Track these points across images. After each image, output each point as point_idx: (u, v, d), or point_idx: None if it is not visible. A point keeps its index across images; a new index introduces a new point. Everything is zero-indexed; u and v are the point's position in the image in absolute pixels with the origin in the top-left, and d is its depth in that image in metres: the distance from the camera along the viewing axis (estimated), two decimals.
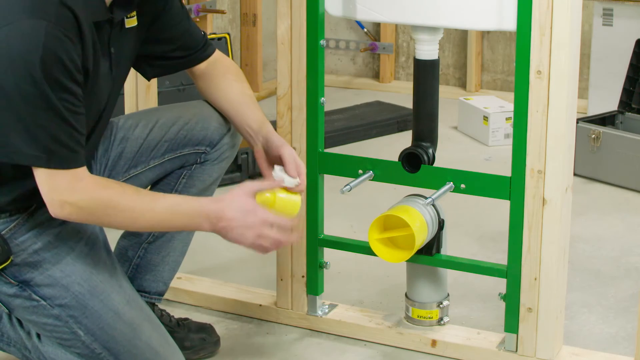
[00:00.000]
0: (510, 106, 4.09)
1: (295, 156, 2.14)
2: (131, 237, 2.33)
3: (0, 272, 1.94)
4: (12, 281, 1.95)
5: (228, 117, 2.27)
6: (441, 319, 2.45)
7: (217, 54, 2.30)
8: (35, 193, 1.92)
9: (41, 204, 1.95)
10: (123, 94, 2.86)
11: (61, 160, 1.82)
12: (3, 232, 1.93)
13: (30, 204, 1.95)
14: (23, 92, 1.76)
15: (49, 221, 1.96)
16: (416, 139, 2.39)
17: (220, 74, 2.27)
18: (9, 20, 1.76)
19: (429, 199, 2.26)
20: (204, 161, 2.27)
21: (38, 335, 2.05)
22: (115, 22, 1.96)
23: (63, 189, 1.84)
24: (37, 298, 1.95)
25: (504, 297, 2.31)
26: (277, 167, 2.11)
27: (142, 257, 2.32)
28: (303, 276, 2.52)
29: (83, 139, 1.85)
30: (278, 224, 1.96)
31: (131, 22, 2.03)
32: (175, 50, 2.22)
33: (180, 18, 2.19)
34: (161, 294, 2.38)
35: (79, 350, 1.98)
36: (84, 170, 1.86)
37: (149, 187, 2.31)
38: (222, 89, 2.26)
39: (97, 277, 1.98)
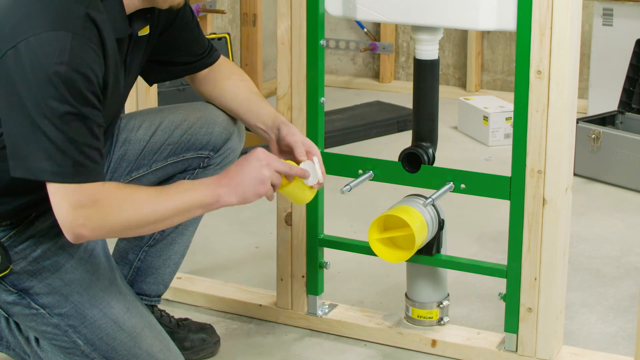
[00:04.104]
0: (510, 106, 4.09)
1: (304, 141, 2.11)
2: (131, 239, 2.32)
3: None
4: (11, 289, 1.94)
5: (239, 116, 2.25)
6: (441, 319, 2.45)
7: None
8: (35, 202, 1.92)
9: (41, 213, 1.95)
10: None
11: (86, 175, 1.77)
12: (3, 240, 1.92)
13: (30, 213, 1.95)
14: (46, 106, 1.72)
15: (48, 229, 1.96)
16: (416, 139, 2.39)
17: (225, 76, 2.27)
18: (33, 32, 1.73)
19: (429, 199, 2.26)
20: (207, 165, 2.27)
21: (37, 341, 2.05)
22: (134, 34, 1.96)
23: (85, 203, 1.77)
24: (36, 306, 1.95)
25: (504, 297, 2.31)
26: (303, 164, 2.08)
27: (143, 260, 2.32)
28: (303, 276, 2.52)
29: (102, 151, 1.82)
30: (276, 166, 1.96)
31: (144, 31, 2.03)
32: (182, 57, 2.22)
33: (191, 26, 2.20)
34: (160, 296, 2.38)
35: (78, 359, 1.97)
36: (103, 183, 1.82)
37: None
38: (230, 90, 2.26)
39: (97, 285, 1.97)
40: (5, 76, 1.74)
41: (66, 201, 1.76)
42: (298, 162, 2.07)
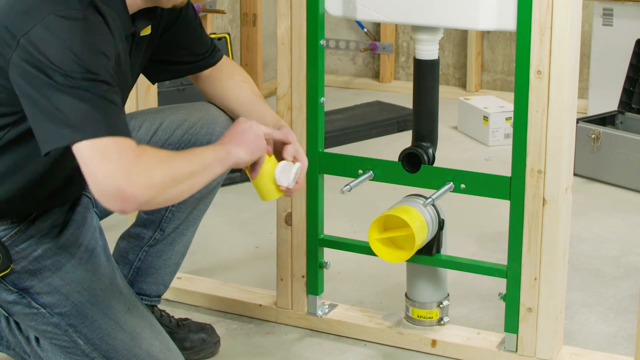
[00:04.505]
0: (510, 106, 4.09)
1: (297, 148, 2.10)
2: (131, 239, 2.32)
3: (0, 279, 1.93)
4: (12, 288, 1.94)
5: (240, 116, 2.25)
6: (441, 319, 2.45)
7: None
8: (36, 201, 1.92)
9: (42, 212, 1.95)
10: None
11: (120, 128, 1.71)
12: (4, 240, 1.92)
13: (32, 212, 1.95)
14: (70, 80, 1.68)
15: (49, 228, 1.96)
16: (416, 139, 2.39)
17: (228, 76, 2.27)
18: (38, 19, 1.71)
19: (429, 199, 2.26)
20: None
21: (37, 340, 2.05)
22: (137, 33, 1.96)
23: (125, 155, 1.69)
24: (37, 306, 1.95)
25: (504, 297, 2.31)
26: (281, 164, 2.06)
27: (143, 261, 2.32)
28: (303, 276, 2.52)
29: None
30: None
31: (145, 31, 2.02)
32: (184, 56, 2.22)
33: (194, 26, 2.19)
34: (160, 296, 2.38)
35: (78, 358, 1.97)
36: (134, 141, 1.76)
37: None
38: (232, 91, 2.25)
39: (97, 285, 1.97)
40: (21, 65, 1.72)
41: (103, 164, 1.68)
42: (281, 160, 2.06)
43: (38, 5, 1.74)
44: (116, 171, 1.68)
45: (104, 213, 2.22)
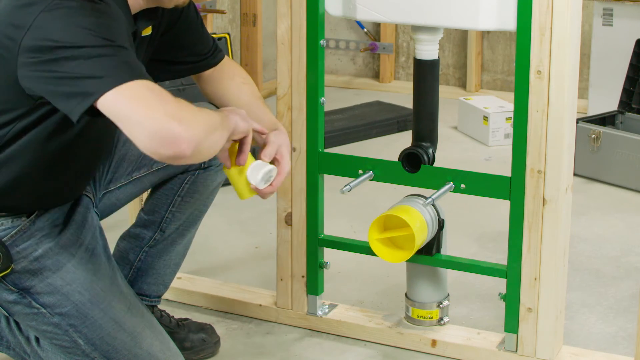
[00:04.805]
0: (510, 106, 4.09)
1: (280, 148, 2.06)
2: (132, 239, 2.33)
3: (0, 279, 1.93)
4: (12, 288, 1.94)
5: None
6: (441, 319, 2.45)
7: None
8: (36, 199, 1.92)
9: (43, 211, 1.95)
10: None
11: (144, 73, 1.69)
12: (4, 239, 1.92)
13: (32, 211, 1.95)
14: (88, 40, 1.66)
15: (50, 228, 1.96)
16: (416, 139, 2.39)
17: (229, 77, 2.27)
18: (45, 4, 1.69)
19: (429, 199, 2.26)
20: (207, 166, 2.27)
21: (37, 341, 2.05)
22: (138, 33, 1.96)
23: (161, 96, 1.64)
24: (37, 306, 1.95)
25: (504, 297, 2.31)
26: (255, 163, 2.02)
27: (144, 261, 2.32)
28: (303, 276, 2.52)
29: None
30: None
31: (146, 31, 2.02)
32: (186, 56, 2.22)
33: (195, 26, 2.19)
34: (160, 296, 2.38)
35: (79, 358, 1.97)
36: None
37: (149, 191, 2.31)
38: (232, 92, 2.25)
39: (98, 285, 1.97)
40: (33, 53, 1.70)
41: (147, 104, 1.62)
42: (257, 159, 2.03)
43: None
44: (163, 113, 1.62)
45: (104, 213, 2.23)
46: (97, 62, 1.66)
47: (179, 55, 2.21)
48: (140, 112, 1.63)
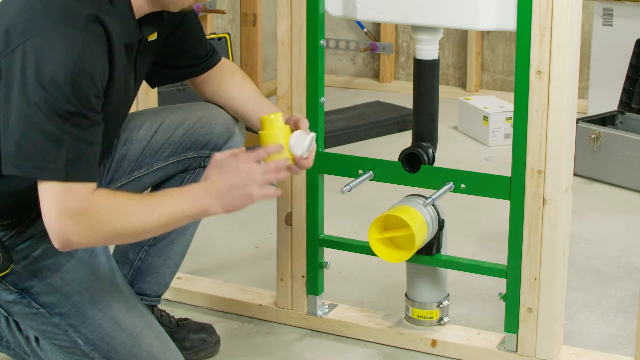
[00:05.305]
0: (510, 106, 4.09)
1: (306, 123, 2.11)
2: None
3: (0, 279, 1.93)
4: (12, 288, 1.94)
5: (242, 115, 2.25)
6: (441, 319, 2.45)
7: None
8: (36, 201, 1.92)
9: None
10: None
11: (80, 174, 1.77)
12: (4, 240, 1.92)
13: (31, 213, 1.95)
14: (45, 104, 1.72)
15: None
16: (416, 139, 2.39)
17: (229, 75, 2.27)
18: (38, 31, 1.74)
19: (429, 199, 2.26)
20: (207, 165, 2.27)
21: (37, 340, 2.05)
22: (144, 39, 1.96)
23: (74, 209, 1.77)
24: (37, 306, 1.95)
25: (504, 297, 2.31)
26: (296, 133, 2.06)
27: (143, 260, 2.32)
28: (303, 276, 2.52)
29: (99, 151, 1.82)
30: (263, 170, 1.94)
31: (152, 35, 2.03)
32: (187, 60, 2.22)
33: (196, 29, 2.20)
34: (160, 296, 2.38)
35: (78, 358, 1.97)
36: (95, 185, 1.81)
37: (149, 189, 2.31)
38: (235, 90, 2.26)
39: (97, 285, 1.98)
40: (8, 73, 1.75)
41: (55, 205, 1.77)
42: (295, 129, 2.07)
43: (42, 16, 1.75)
44: (62, 218, 1.76)
45: None
46: (48, 144, 1.75)
47: (181, 59, 2.21)
48: (49, 207, 1.78)
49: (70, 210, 1.76)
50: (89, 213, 1.78)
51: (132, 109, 2.86)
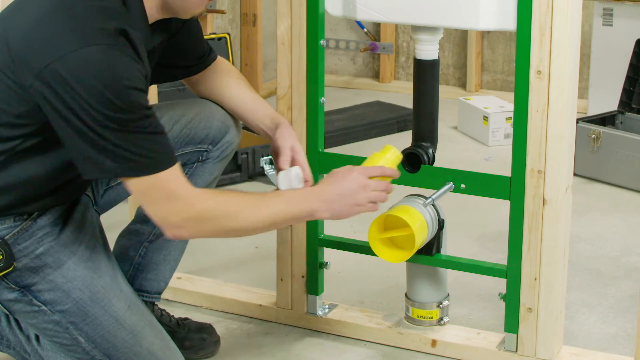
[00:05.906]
0: (510, 106, 4.09)
1: (293, 146, 2.18)
2: (132, 235, 2.33)
3: (1, 277, 1.93)
4: (14, 286, 1.94)
5: (240, 114, 2.27)
6: (441, 319, 2.45)
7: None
8: (37, 198, 1.92)
9: (44, 210, 1.95)
10: None
11: (164, 162, 1.84)
12: (6, 238, 1.92)
13: (33, 210, 1.95)
14: (104, 117, 1.76)
15: (51, 227, 1.96)
16: (416, 139, 2.39)
17: (224, 73, 2.29)
18: (69, 49, 1.74)
19: (429, 199, 2.26)
20: (205, 159, 2.28)
21: (37, 339, 2.05)
22: (156, 47, 1.99)
23: (179, 191, 1.85)
24: (38, 303, 1.95)
25: (504, 297, 2.31)
26: (281, 174, 2.15)
27: (144, 256, 2.32)
28: (303, 276, 2.52)
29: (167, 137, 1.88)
30: (374, 186, 2.06)
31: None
32: (186, 60, 2.24)
33: (196, 30, 2.22)
34: (160, 293, 2.38)
35: (79, 356, 1.98)
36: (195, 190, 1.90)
37: None
38: (230, 88, 2.28)
39: (98, 282, 1.98)
40: (51, 94, 1.75)
41: (156, 203, 1.85)
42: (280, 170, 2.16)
43: (67, 33, 1.76)
44: (169, 216, 1.87)
45: (106, 207, 2.23)
46: (127, 145, 1.80)
47: (180, 60, 2.23)
48: (151, 207, 1.87)
49: (171, 211, 1.86)
50: (197, 212, 1.89)
51: None
